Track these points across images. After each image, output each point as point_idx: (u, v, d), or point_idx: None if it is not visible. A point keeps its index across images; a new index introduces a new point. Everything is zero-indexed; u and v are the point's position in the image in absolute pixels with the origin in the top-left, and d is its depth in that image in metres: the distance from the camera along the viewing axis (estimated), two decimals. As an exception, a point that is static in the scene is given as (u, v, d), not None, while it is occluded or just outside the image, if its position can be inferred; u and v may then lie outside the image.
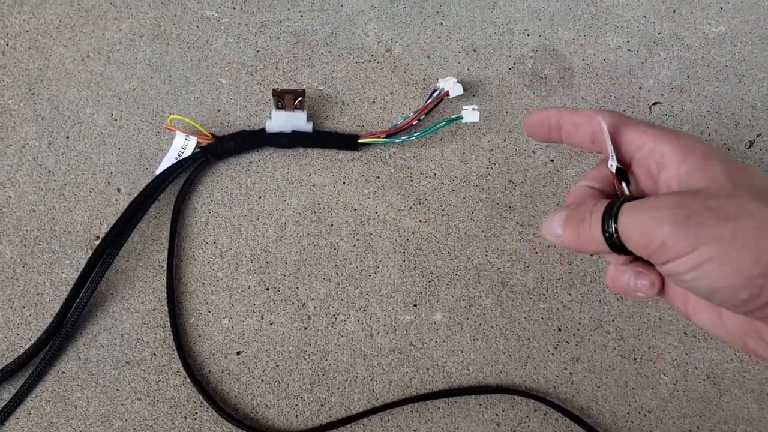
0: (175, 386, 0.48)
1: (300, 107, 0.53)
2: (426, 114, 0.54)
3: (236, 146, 0.53)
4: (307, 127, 0.53)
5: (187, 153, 0.52)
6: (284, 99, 0.52)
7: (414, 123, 0.54)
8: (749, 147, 0.56)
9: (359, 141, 0.53)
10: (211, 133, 0.53)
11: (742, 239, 0.28)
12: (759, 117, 0.56)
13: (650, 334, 0.50)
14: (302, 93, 0.52)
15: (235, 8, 0.58)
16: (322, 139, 0.54)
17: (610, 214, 0.32)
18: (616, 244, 0.32)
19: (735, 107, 0.57)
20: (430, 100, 0.54)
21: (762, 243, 0.28)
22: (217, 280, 0.51)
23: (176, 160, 0.52)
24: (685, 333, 0.50)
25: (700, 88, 0.57)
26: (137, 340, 0.49)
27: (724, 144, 0.56)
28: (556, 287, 0.51)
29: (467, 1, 0.59)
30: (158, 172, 0.52)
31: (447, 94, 0.54)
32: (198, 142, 0.53)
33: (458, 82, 0.54)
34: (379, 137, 0.53)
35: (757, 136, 0.56)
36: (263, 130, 0.53)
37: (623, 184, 0.34)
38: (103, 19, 0.57)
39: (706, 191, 0.31)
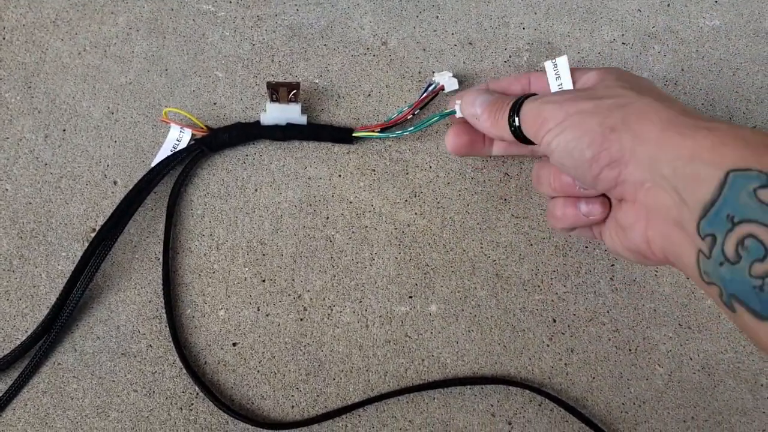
0: (171, 377, 0.48)
1: (294, 100, 0.53)
2: (421, 108, 0.54)
3: (231, 138, 0.53)
4: (302, 119, 0.53)
5: (182, 145, 0.53)
6: (279, 91, 0.52)
7: (409, 117, 0.54)
8: (744, 139, 0.56)
9: (354, 134, 0.54)
10: (206, 126, 0.53)
11: (597, 110, 0.36)
12: (753, 110, 0.57)
13: (645, 326, 0.50)
14: (297, 86, 0.52)
15: (231, 2, 0.58)
16: (316, 131, 0.54)
17: (514, 108, 0.41)
18: (519, 134, 0.41)
19: (729, 100, 0.57)
20: (425, 95, 0.54)
21: (612, 112, 0.35)
22: (213, 272, 0.51)
23: (171, 152, 0.52)
24: (679, 324, 0.50)
25: (694, 81, 0.57)
26: (133, 332, 0.49)
27: (719, 136, 0.56)
28: (551, 279, 0.51)
29: (463, -5, 0.59)
30: (153, 164, 0.52)
31: (442, 88, 0.54)
32: (193, 134, 0.53)
33: (453, 76, 0.54)
34: (373, 131, 0.54)
35: (753, 128, 0.56)
36: (258, 122, 0.53)
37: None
38: (100, 12, 0.57)
39: (593, 87, 0.39)
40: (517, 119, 0.41)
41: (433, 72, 0.56)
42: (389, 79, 0.57)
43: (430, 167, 0.54)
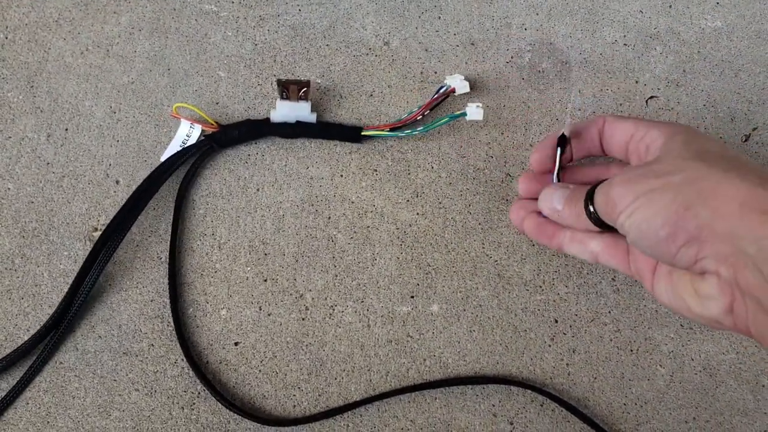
0: (172, 377, 0.48)
1: (304, 98, 0.53)
2: (430, 110, 0.54)
3: (240, 135, 0.53)
4: (311, 117, 0.53)
5: (192, 141, 0.53)
6: (289, 89, 0.52)
7: (418, 118, 0.54)
8: (745, 141, 0.56)
9: (363, 133, 0.54)
10: (216, 122, 0.53)
11: (668, 188, 0.34)
12: (755, 111, 0.57)
13: (647, 326, 0.50)
14: (307, 84, 0.52)
15: (233, 2, 0.58)
16: (325, 130, 0.54)
17: (589, 196, 0.39)
18: (599, 222, 0.39)
19: (731, 101, 0.57)
20: (436, 96, 0.54)
21: (683, 188, 0.34)
22: (215, 272, 0.51)
23: (180, 148, 0.52)
24: (681, 325, 0.50)
25: (696, 83, 0.58)
26: (135, 331, 0.49)
27: (720, 137, 0.56)
28: (553, 279, 0.51)
29: (465, -4, 0.59)
30: (163, 159, 0.52)
31: (453, 91, 0.54)
32: (203, 130, 0.53)
33: (465, 79, 0.54)
34: (382, 130, 0.54)
35: (753, 129, 0.56)
36: (268, 119, 0.53)
37: (558, 149, 0.45)
38: (102, 12, 0.57)
39: (658, 159, 0.37)
40: (592, 207, 0.39)
41: (445, 76, 0.56)
42: (391, 79, 0.57)
43: (432, 167, 0.54)
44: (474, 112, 0.52)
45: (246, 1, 0.58)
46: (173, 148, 0.53)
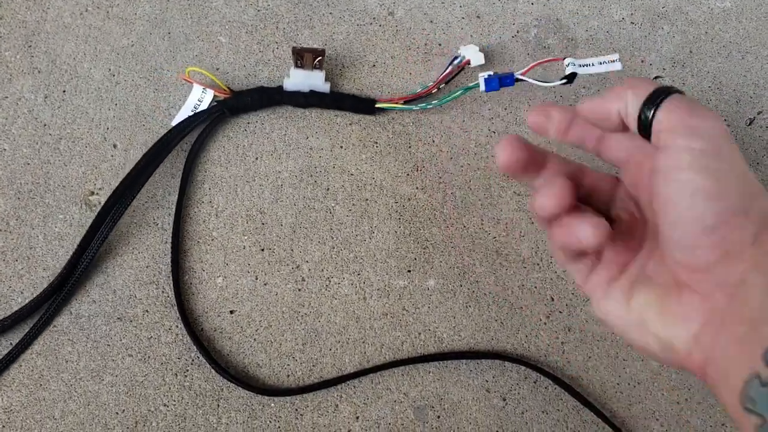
0: (166, 343, 0.48)
1: (319, 67, 0.52)
2: (446, 83, 0.53)
3: (253, 102, 0.52)
4: (325, 87, 0.53)
5: (203, 107, 0.52)
6: (304, 57, 0.52)
7: (433, 91, 0.53)
8: (749, 124, 0.55)
9: (377, 105, 0.53)
10: (228, 87, 0.53)
11: (744, 171, 0.29)
12: (761, 94, 0.56)
13: (642, 307, 0.50)
14: (322, 53, 0.51)
15: (236, -34, 0.57)
16: (339, 100, 0.53)
17: (655, 97, 0.30)
18: (645, 125, 0.30)
19: (737, 84, 0.56)
20: (450, 68, 0.53)
21: (756, 189, 0.29)
22: (212, 240, 0.50)
23: (192, 113, 0.52)
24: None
25: (702, 64, 0.57)
26: (130, 297, 0.49)
27: (725, 120, 0.55)
28: (551, 257, 0.51)
29: (472, -32, 0.58)
30: (174, 123, 0.52)
31: (468, 62, 0.53)
32: (215, 95, 0.53)
33: (480, 50, 0.54)
34: (397, 103, 0.53)
35: (758, 113, 0.56)
36: (281, 87, 0.53)
37: None
38: (102, -28, 0.56)
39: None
40: (653, 110, 0.30)
41: (459, 46, 0.55)
42: (395, 50, 0.56)
43: (434, 141, 0.53)
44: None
45: (249, -35, 0.57)
46: (185, 112, 0.52)
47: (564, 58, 0.51)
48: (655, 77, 0.56)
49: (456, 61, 0.53)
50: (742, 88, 0.56)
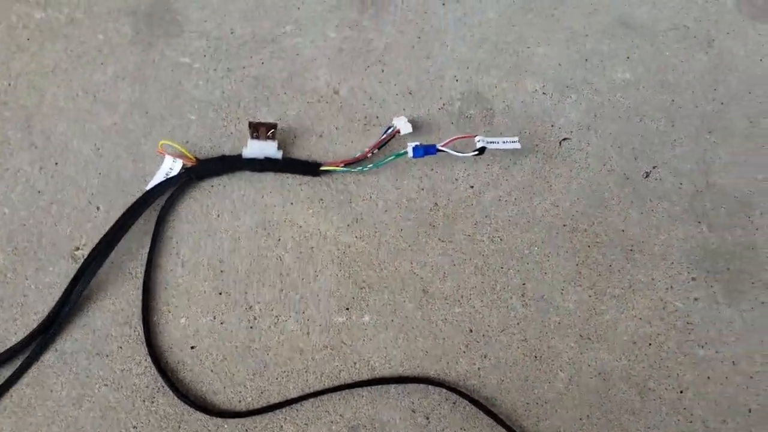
0: (137, 374, 0.56)
1: (272, 138, 0.62)
2: (379, 149, 0.63)
3: (216, 168, 0.62)
4: (278, 154, 0.62)
5: (174, 174, 0.61)
6: (259, 130, 0.61)
7: (369, 156, 0.63)
8: (646, 177, 0.64)
9: (321, 168, 0.62)
10: (195, 157, 0.62)
11: None
12: (656, 151, 0.65)
13: (550, 336, 0.58)
14: (274, 126, 0.61)
15: (205, 56, 0.68)
16: (290, 165, 0.63)
17: None
18: None
19: (635, 143, 0.65)
20: (384, 136, 0.63)
21: None
22: (178, 285, 0.59)
23: (164, 179, 0.61)
24: (581, 335, 0.58)
25: (605, 126, 0.66)
26: (107, 335, 0.57)
27: (624, 174, 0.64)
28: (470, 294, 0.59)
29: (406, 52, 0.69)
30: (148, 188, 0.61)
31: (398, 132, 0.63)
32: (183, 164, 0.62)
33: (409, 121, 0.63)
34: (338, 166, 0.62)
35: (653, 167, 0.64)
36: (240, 155, 0.62)
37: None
38: (92, 63, 0.67)
39: None
40: None
41: (392, 117, 0.65)
42: (339, 122, 0.65)
43: (371, 197, 0.62)
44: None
45: (216, 54, 0.68)
46: (158, 179, 0.62)
47: (475, 136, 0.60)
48: (563, 139, 0.65)
49: (389, 130, 0.63)
50: (639, 146, 0.65)
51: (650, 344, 0.58)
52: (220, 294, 0.59)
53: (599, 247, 0.61)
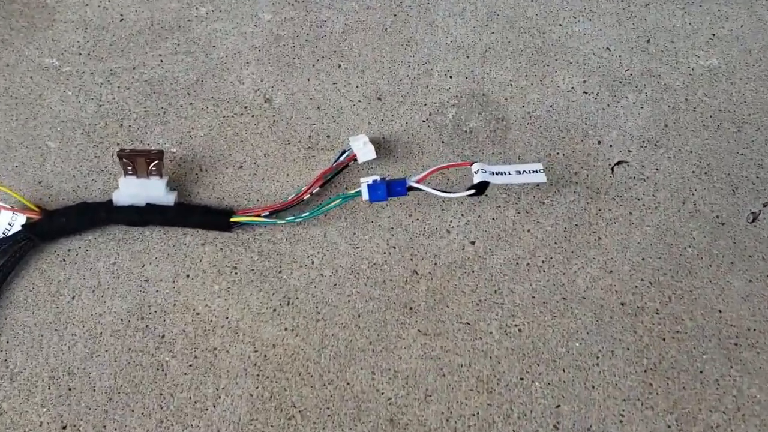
0: None
1: (156, 173, 0.40)
2: (322, 185, 0.40)
3: (70, 223, 0.41)
4: (168, 198, 0.41)
5: (13, 233, 0.40)
6: (135, 163, 0.40)
7: (305, 198, 0.40)
8: (752, 221, 0.40)
9: (232, 219, 0.40)
10: (39, 207, 0.41)
11: None
12: (767, 178, 0.41)
13: (605, 502, 0.34)
14: (159, 155, 0.40)
15: (81, 54, 0.46)
16: (184, 215, 0.41)
17: None
18: None
19: (732, 166, 0.41)
20: (334, 164, 0.41)
21: None
22: (1, 414, 0.37)
23: None
24: (658, 500, 0.34)
25: (682, 141, 0.42)
26: None
27: (717, 217, 0.40)
28: (469, 427, 0.36)
29: (374, 36, 0.46)
30: None
31: (354, 158, 0.41)
32: (28, 218, 0.41)
33: (370, 141, 0.41)
34: (258, 215, 0.40)
35: (765, 205, 0.40)
36: (110, 201, 0.40)
37: None
38: None
39: None
40: None
41: (346, 138, 0.43)
42: (269, 145, 0.43)
43: (312, 263, 0.40)
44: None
45: (96, 52, 0.46)
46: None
47: (473, 163, 0.37)
48: (617, 163, 0.42)
49: (343, 156, 0.41)
50: (739, 171, 0.41)
51: None
52: (65, 428, 0.37)
53: (682, 340, 0.37)
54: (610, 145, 0.42)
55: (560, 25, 0.47)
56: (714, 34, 0.46)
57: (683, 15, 0.47)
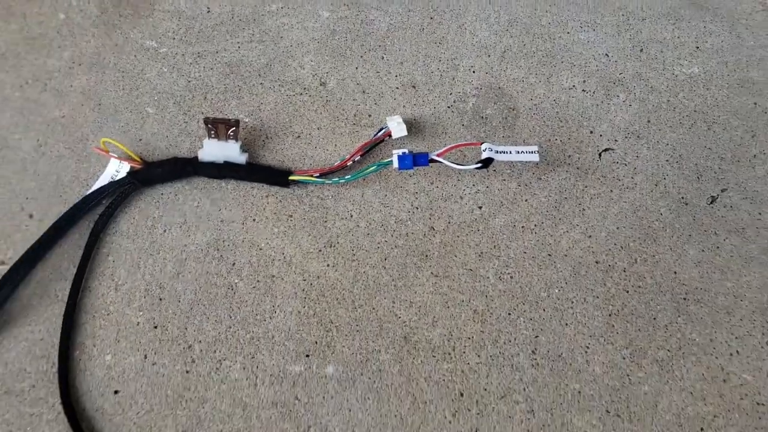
0: (48, 421, 0.46)
1: (233, 137, 0.51)
2: (362, 155, 0.51)
3: (164, 173, 0.51)
4: (241, 158, 0.51)
5: (120, 177, 0.51)
6: (217, 128, 0.50)
7: (348, 164, 0.51)
8: (711, 203, 0.49)
9: (291, 178, 0.51)
10: (141, 158, 0.52)
11: None
12: (726, 170, 0.50)
13: (566, 409, 0.44)
14: (236, 123, 0.50)
15: (174, 38, 0.57)
16: (253, 172, 0.52)
17: None
18: None
19: (700, 157, 0.50)
20: (372, 139, 0.51)
21: None
22: (108, 314, 0.48)
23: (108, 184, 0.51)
24: (607, 411, 0.44)
25: (660, 135, 0.51)
26: (20, 370, 0.47)
27: (682, 198, 0.49)
28: (465, 347, 0.46)
29: (413, 35, 0.56)
30: (87, 194, 0.51)
31: (389, 135, 0.51)
32: (131, 167, 0.52)
33: (403, 121, 0.51)
34: (311, 176, 0.51)
35: (722, 191, 0.49)
36: (196, 158, 0.51)
37: None
38: (48, 47, 0.58)
39: None
40: None
41: (384, 118, 0.53)
42: (322, 120, 0.53)
43: (351, 216, 0.50)
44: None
45: (187, 37, 0.57)
46: (101, 184, 0.52)
47: (482, 143, 0.47)
48: (605, 149, 0.51)
49: (380, 133, 0.51)
50: (705, 162, 0.50)
51: (702, 429, 0.43)
52: (155, 328, 0.48)
53: (642, 293, 0.47)
54: (600, 135, 0.52)
55: (568, 33, 0.56)
56: (698, 47, 0.54)
57: (673, 29, 0.55)
